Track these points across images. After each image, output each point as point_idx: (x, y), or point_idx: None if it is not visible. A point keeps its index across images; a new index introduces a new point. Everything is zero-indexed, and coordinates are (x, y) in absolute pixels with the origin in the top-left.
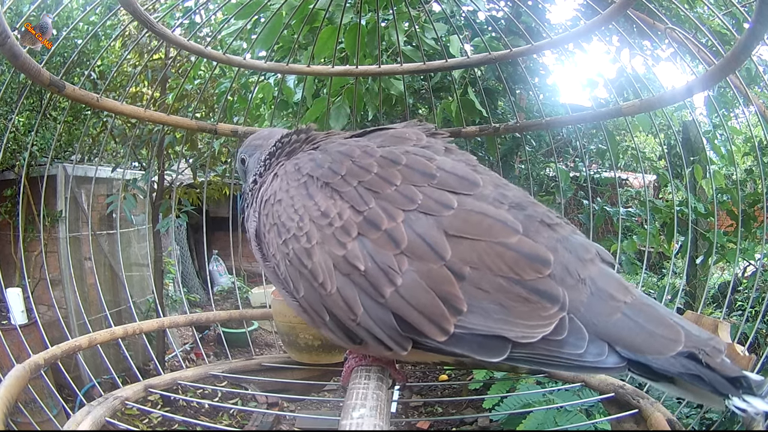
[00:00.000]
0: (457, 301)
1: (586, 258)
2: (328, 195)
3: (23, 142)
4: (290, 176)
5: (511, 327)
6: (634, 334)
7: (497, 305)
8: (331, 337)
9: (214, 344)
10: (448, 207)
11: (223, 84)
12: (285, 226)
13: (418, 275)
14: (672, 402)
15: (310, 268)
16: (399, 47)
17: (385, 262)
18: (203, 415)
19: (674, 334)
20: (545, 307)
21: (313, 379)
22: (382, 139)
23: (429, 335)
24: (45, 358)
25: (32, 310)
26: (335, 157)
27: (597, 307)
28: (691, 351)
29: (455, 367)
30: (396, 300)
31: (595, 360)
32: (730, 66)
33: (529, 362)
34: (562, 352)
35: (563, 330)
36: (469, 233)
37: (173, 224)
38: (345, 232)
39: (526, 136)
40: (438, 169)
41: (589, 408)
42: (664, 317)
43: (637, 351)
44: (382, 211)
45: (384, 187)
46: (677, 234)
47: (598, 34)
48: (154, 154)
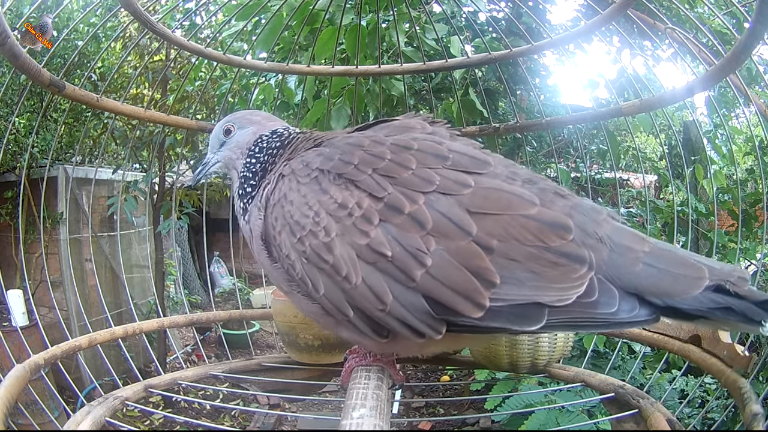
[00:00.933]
0: (489, 274)
1: (600, 219)
2: (342, 186)
3: (24, 144)
4: (298, 174)
5: (545, 292)
6: (658, 279)
7: (529, 273)
8: (352, 337)
9: (215, 346)
10: (466, 186)
11: (224, 85)
12: (299, 224)
13: (447, 253)
14: (672, 402)
15: (331, 262)
16: (399, 48)
17: (412, 245)
18: (205, 416)
19: (698, 271)
20: (574, 269)
21: (313, 379)
22: (388, 129)
23: (465, 313)
24: (45, 358)
25: (33, 312)
26: (344, 148)
27: (618, 261)
28: (718, 284)
29: (457, 368)
30: (427, 281)
31: (628, 316)
32: (731, 66)
33: (566, 327)
34: (596, 312)
35: (594, 291)
36: (490, 209)
37: (174, 226)
38: (366, 221)
39: (526, 137)
40: (449, 150)
41: (590, 408)
42: (684, 258)
43: (664, 295)
44: (402, 195)
45: (400, 171)
46: (678, 234)
47: (599, 35)
48: (155, 155)
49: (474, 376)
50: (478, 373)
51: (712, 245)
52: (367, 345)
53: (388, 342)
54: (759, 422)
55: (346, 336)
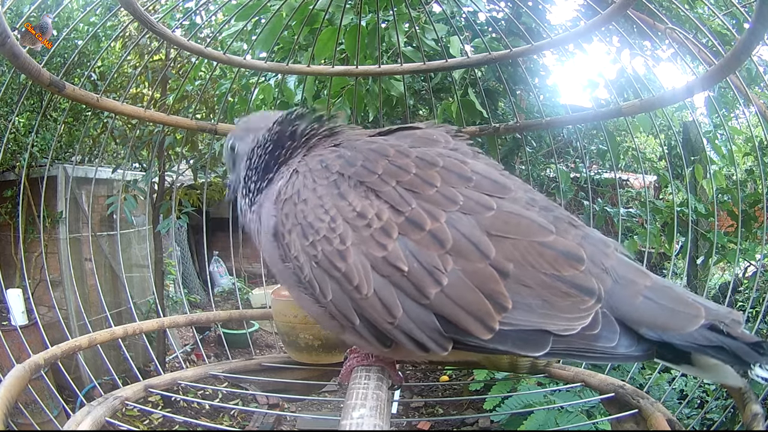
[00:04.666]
0: (502, 299)
1: (608, 251)
2: (363, 195)
3: (23, 143)
4: (316, 174)
5: (554, 321)
6: (657, 313)
7: (540, 300)
8: (355, 340)
9: (215, 345)
10: (488, 208)
11: (224, 85)
12: (313, 227)
13: (463, 274)
14: (673, 402)
15: (343, 270)
16: (399, 48)
17: (430, 263)
18: (204, 415)
19: (695, 309)
20: (584, 300)
21: (313, 379)
22: (411, 140)
23: (474, 334)
24: (45, 358)
25: (32, 311)
26: (368, 155)
27: (620, 292)
28: (713, 323)
29: (456, 368)
30: (441, 300)
31: (626, 351)
32: (731, 66)
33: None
34: (596, 345)
35: (597, 324)
36: (510, 233)
37: (174, 225)
38: (385, 233)
39: (526, 137)
40: (473, 172)
41: (589, 408)
42: (682, 296)
43: (661, 329)
44: (424, 211)
45: (425, 188)
46: (678, 234)
47: (599, 35)
48: (155, 155)
49: (473, 376)
50: (477, 373)
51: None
52: (370, 350)
53: (391, 350)
54: (759, 422)
55: (349, 340)
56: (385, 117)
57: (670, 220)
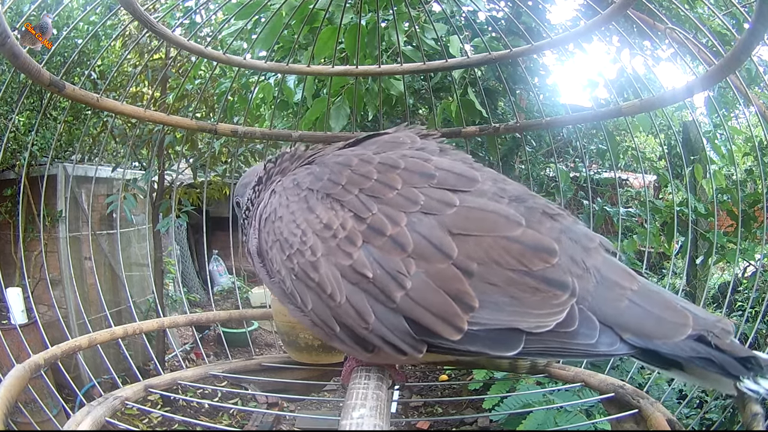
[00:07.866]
0: (468, 298)
1: (590, 247)
2: (329, 206)
3: (23, 142)
4: (289, 192)
5: (524, 318)
6: (642, 320)
7: (508, 298)
8: (343, 348)
9: (214, 344)
10: (450, 205)
11: (224, 84)
12: (288, 241)
13: (426, 276)
14: (672, 402)
15: (317, 280)
16: (399, 47)
17: (393, 267)
18: (203, 414)
19: (682, 318)
20: (556, 295)
21: (313, 379)
22: (377, 146)
23: (443, 335)
24: (45, 358)
25: (32, 310)
26: (333, 168)
27: (604, 295)
28: (701, 333)
29: (455, 367)
30: (407, 303)
31: (607, 349)
32: (730, 66)
33: (543, 355)
34: (574, 343)
35: (574, 321)
36: (472, 230)
37: (173, 224)
38: (350, 242)
39: (526, 137)
40: (436, 168)
41: (589, 408)
42: (670, 302)
43: (646, 337)
44: (385, 216)
45: (385, 192)
46: (677, 234)
47: (598, 35)
48: (155, 154)
49: (472, 376)
50: (477, 373)
51: (711, 245)
52: (355, 356)
53: (374, 355)
54: (759, 422)
55: (337, 347)
56: (384, 116)
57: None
